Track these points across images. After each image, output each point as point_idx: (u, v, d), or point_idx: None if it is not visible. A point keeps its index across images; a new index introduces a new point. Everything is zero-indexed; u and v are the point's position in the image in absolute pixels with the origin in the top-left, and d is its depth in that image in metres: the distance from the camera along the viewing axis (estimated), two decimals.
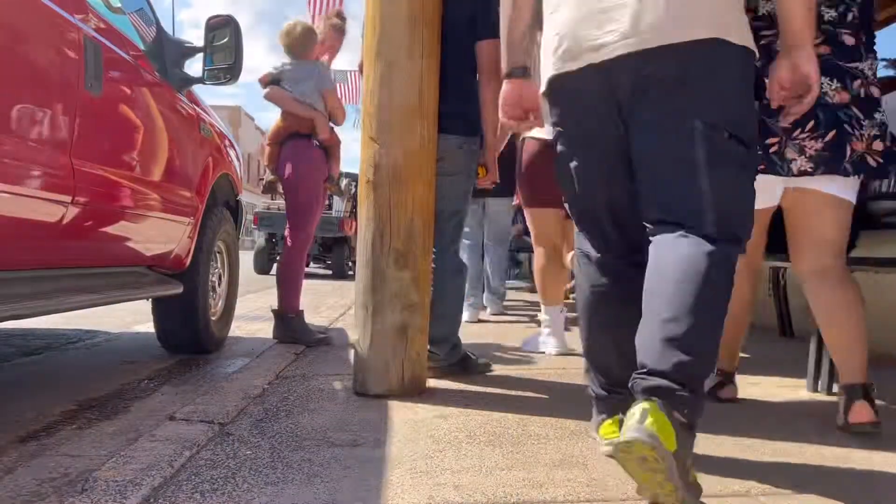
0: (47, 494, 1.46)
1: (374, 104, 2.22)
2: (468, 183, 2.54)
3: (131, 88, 2.55)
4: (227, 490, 1.38)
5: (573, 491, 1.40)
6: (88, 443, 1.87)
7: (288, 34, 3.41)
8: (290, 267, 3.41)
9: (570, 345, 3.07)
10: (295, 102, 3.35)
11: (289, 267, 3.41)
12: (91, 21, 2.25)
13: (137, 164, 2.57)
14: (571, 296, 6.05)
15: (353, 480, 1.44)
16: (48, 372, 2.93)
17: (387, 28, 2.20)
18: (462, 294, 2.62)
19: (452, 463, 1.56)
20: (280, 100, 3.39)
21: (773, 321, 3.74)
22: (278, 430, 1.81)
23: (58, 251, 2.25)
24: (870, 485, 1.46)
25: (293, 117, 3.36)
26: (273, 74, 3.43)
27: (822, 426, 1.89)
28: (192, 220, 3.09)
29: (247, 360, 3.03)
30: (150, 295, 2.85)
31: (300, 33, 3.41)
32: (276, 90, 3.40)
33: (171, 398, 2.42)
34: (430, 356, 2.45)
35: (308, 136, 3.35)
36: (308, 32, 3.44)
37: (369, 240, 2.22)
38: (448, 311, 2.53)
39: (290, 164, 3.35)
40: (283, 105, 3.39)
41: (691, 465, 1.26)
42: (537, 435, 1.79)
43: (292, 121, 3.36)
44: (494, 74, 2.50)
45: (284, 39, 3.42)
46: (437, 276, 2.43)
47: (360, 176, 2.28)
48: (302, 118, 3.34)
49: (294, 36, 3.40)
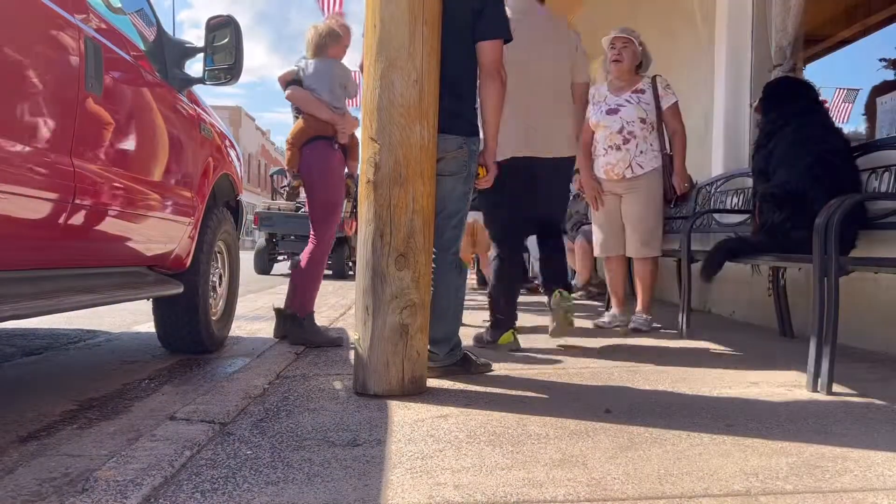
0: (48, 494, 1.46)
1: (374, 104, 2.22)
2: (468, 183, 2.54)
3: (132, 89, 2.55)
4: (228, 490, 1.38)
5: (573, 491, 1.40)
6: (89, 442, 1.88)
7: (314, 33, 3.38)
8: (313, 267, 3.33)
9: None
10: (317, 103, 3.30)
11: (311, 267, 3.33)
12: (92, 21, 2.25)
13: (138, 164, 2.58)
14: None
15: (353, 480, 1.44)
16: (49, 372, 2.94)
17: (387, 28, 2.20)
18: (462, 294, 2.61)
19: (452, 462, 1.57)
20: (301, 101, 3.34)
21: (773, 321, 3.74)
22: (279, 430, 1.81)
23: (58, 251, 2.26)
24: (870, 485, 1.46)
25: (314, 120, 3.30)
26: (294, 72, 3.37)
27: (822, 426, 1.89)
28: (192, 220, 3.10)
29: (247, 360, 3.04)
30: (151, 295, 2.85)
31: (324, 32, 3.38)
32: (297, 90, 3.34)
33: (171, 398, 2.43)
34: (430, 356, 2.45)
35: (328, 138, 3.31)
36: (332, 34, 3.40)
37: (369, 240, 2.22)
38: (448, 312, 2.52)
39: (313, 167, 3.31)
40: (304, 106, 3.33)
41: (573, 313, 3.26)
42: (537, 434, 1.80)
43: (314, 123, 3.30)
44: (495, 74, 2.51)
45: (312, 37, 3.38)
46: (437, 276, 2.43)
47: (361, 176, 2.28)
48: (324, 122, 3.30)
49: (319, 34, 3.37)
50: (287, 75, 3.41)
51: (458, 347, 2.59)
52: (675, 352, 3.15)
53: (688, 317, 3.59)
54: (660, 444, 1.71)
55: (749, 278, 4.08)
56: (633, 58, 3.86)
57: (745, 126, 4.54)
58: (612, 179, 3.89)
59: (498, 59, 2.50)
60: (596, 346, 3.35)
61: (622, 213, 3.93)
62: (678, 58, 5.43)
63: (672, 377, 2.56)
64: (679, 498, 1.36)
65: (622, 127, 3.81)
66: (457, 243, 2.57)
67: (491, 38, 2.47)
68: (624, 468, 1.53)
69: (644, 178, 3.82)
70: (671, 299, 5.45)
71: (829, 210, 2.36)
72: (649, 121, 3.82)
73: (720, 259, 3.03)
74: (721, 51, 4.66)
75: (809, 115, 3.10)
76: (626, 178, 3.83)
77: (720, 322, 4.35)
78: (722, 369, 2.72)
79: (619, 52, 3.85)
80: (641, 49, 3.90)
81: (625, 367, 2.76)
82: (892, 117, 3.96)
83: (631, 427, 1.86)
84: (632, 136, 3.80)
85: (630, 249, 3.94)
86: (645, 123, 3.81)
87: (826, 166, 2.86)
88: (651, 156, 3.83)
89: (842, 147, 2.98)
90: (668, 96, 3.87)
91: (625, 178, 3.84)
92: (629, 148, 3.81)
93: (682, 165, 3.90)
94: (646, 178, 3.83)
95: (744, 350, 3.17)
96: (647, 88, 3.88)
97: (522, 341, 3.29)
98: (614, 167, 3.85)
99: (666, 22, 5.73)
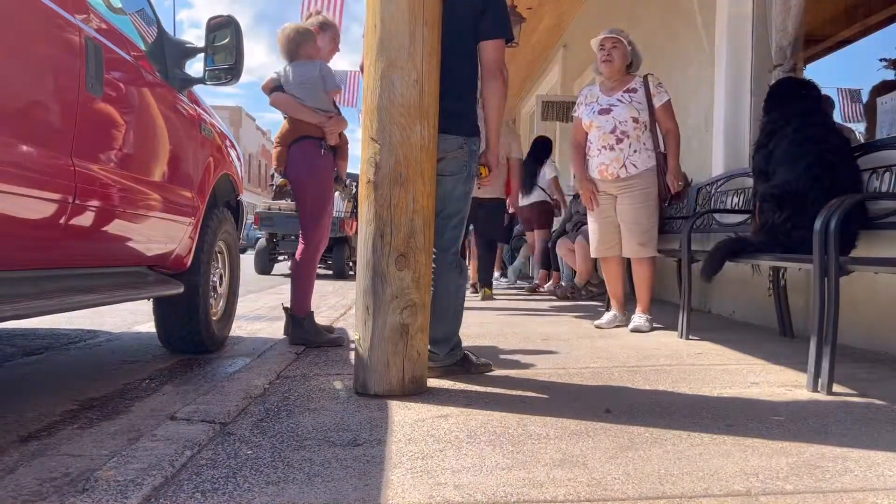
0: (48, 494, 1.46)
1: (374, 104, 2.22)
2: (469, 183, 2.53)
3: (132, 89, 2.55)
4: (228, 490, 1.38)
5: (573, 491, 1.40)
6: (89, 442, 1.88)
7: (280, 37, 3.35)
8: (303, 268, 3.32)
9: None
10: (301, 108, 3.28)
11: (303, 268, 3.32)
12: (92, 21, 2.26)
13: (138, 164, 2.58)
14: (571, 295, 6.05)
15: (353, 480, 1.45)
16: (49, 372, 2.94)
17: (387, 27, 2.20)
18: (462, 294, 2.61)
19: (453, 462, 1.57)
20: (286, 106, 3.32)
21: (773, 321, 3.74)
22: (279, 430, 1.81)
23: (59, 251, 2.26)
24: (870, 485, 1.46)
25: (301, 121, 3.29)
26: (275, 79, 3.36)
27: (822, 426, 1.89)
28: (192, 221, 3.10)
29: (248, 360, 3.04)
30: (152, 295, 2.85)
31: (290, 34, 3.34)
32: (280, 96, 3.32)
33: (172, 398, 2.43)
34: (431, 356, 2.45)
35: (316, 138, 3.29)
36: (300, 32, 3.36)
37: (370, 240, 2.22)
38: (448, 312, 2.52)
39: (300, 166, 3.28)
40: (290, 112, 3.31)
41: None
42: (538, 435, 1.80)
43: (299, 124, 3.29)
44: (497, 74, 2.52)
45: (279, 43, 3.36)
46: (438, 276, 2.43)
47: (361, 176, 2.28)
48: (309, 123, 3.28)
49: (286, 37, 3.34)
50: (269, 83, 3.38)
51: (459, 347, 2.59)
52: (675, 352, 3.15)
53: (688, 317, 3.59)
54: (660, 444, 1.71)
55: (749, 278, 4.08)
56: (623, 58, 3.86)
57: (746, 126, 4.54)
58: (606, 180, 3.88)
59: (500, 59, 2.51)
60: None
61: (617, 213, 3.93)
62: (678, 58, 5.43)
63: (672, 377, 2.56)
64: (679, 498, 1.36)
65: (615, 127, 3.81)
66: (457, 243, 2.57)
67: (493, 38, 2.48)
68: (624, 468, 1.53)
69: (638, 178, 3.82)
70: (671, 299, 5.45)
71: (828, 210, 2.36)
72: (642, 120, 3.82)
73: (720, 259, 3.03)
74: (721, 51, 4.66)
75: (810, 115, 3.09)
76: (620, 177, 3.83)
77: (720, 322, 4.35)
78: (722, 369, 2.72)
79: (609, 53, 3.85)
80: (631, 49, 3.90)
81: (625, 368, 2.76)
82: (893, 117, 3.95)
83: (631, 427, 1.87)
84: (625, 136, 3.80)
85: (627, 250, 3.93)
86: (638, 122, 3.80)
87: (826, 166, 2.86)
88: (645, 155, 3.83)
89: (842, 147, 2.98)
90: (661, 94, 3.87)
91: (619, 178, 3.84)
92: (622, 148, 3.81)
93: (675, 164, 3.89)
94: (640, 178, 3.82)
95: (744, 350, 3.17)
96: (639, 87, 3.87)
97: (519, 340, 3.28)
98: (608, 167, 3.85)
99: (666, 22, 5.73)
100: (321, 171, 3.32)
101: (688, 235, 3.62)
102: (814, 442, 1.75)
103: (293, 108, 3.30)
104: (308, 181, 3.29)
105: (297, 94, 3.30)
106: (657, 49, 5.91)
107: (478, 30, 2.47)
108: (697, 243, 3.73)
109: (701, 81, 5.01)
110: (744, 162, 4.44)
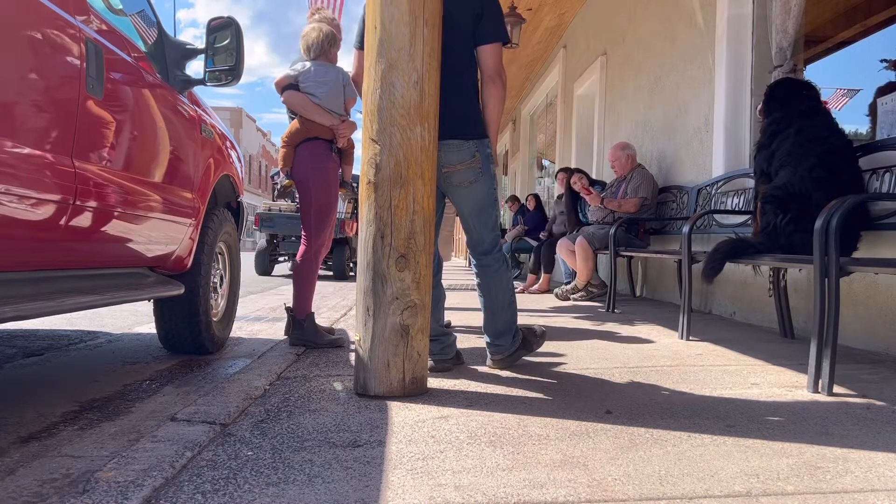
0: (49, 495, 1.46)
1: (374, 105, 2.23)
2: (491, 184, 2.59)
3: (133, 90, 2.55)
4: (229, 491, 1.38)
5: (574, 492, 1.40)
6: (90, 443, 1.88)
7: (313, 34, 3.33)
8: (304, 269, 3.31)
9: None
10: (315, 108, 3.27)
11: (304, 269, 3.31)
12: (92, 23, 2.26)
13: (139, 165, 2.58)
14: (573, 296, 6.06)
15: (354, 481, 1.45)
16: (50, 373, 2.94)
17: (388, 28, 2.20)
18: (512, 284, 2.73)
19: (453, 463, 1.57)
20: (299, 106, 3.29)
21: (773, 322, 3.74)
22: (280, 431, 1.81)
23: (59, 252, 2.26)
24: (871, 485, 1.46)
25: (311, 121, 3.28)
26: (290, 76, 3.33)
27: (822, 427, 1.89)
28: (193, 222, 3.10)
29: (248, 361, 3.04)
30: (152, 296, 2.85)
31: (328, 32, 3.34)
32: (294, 95, 3.30)
33: (172, 399, 2.43)
34: (496, 349, 2.65)
35: (325, 140, 3.28)
36: (332, 35, 3.37)
37: (370, 241, 2.23)
38: (505, 304, 2.65)
39: (308, 167, 3.28)
40: (303, 111, 3.29)
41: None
42: (538, 435, 1.80)
43: (310, 125, 3.28)
44: (496, 78, 2.54)
45: (310, 38, 3.34)
46: (490, 277, 2.61)
47: (361, 177, 2.28)
48: (320, 124, 3.27)
49: (323, 34, 3.32)
50: (284, 80, 3.35)
51: (519, 332, 2.73)
52: (675, 353, 3.15)
53: (688, 318, 3.59)
54: (660, 445, 1.71)
55: (750, 279, 4.08)
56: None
57: (746, 126, 4.54)
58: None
59: (498, 63, 2.55)
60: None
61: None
62: (678, 58, 5.43)
63: (673, 378, 2.56)
64: (680, 499, 1.36)
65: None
66: (499, 241, 2.70)
67: (491, 42, 2.52)
68: (625, 469, 1.53)
69: None
70: (672, 300, 5.45)
71: (829, 211, 2.36)
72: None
73: (721, 260, 3.03)
74: (721, 51, 4.66)
75: (813, 116, 3.09)
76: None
77: (721, 323, 4.35)
78: (722, 370, 2.72)
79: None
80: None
81: (625, 368, 2.76)
82: (893, 118, 3.95)
83: (632, 428, 1.87)
84: None
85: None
86: None
87: (828, 167, 2.86)
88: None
89: (845, 148, 2.98)
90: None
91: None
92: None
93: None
94: None
95: (744, 351, 3.17)
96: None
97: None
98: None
99: (666, 22, 5.73)
100: (329, 174, 3.32)
101: (688, 236, 3.63)
102: (814, 443, 1.75)
103: (306, 108, 3.29)
104: (315, 183, 3.29)
105: (314, 91, 3.29)
106: (657, 49, 5.91)
107: (475, 34, 2.49)
108: (698, 244, 3.73)
109: (701, 82, 5.01)
110: (744, 163, 4.44)
